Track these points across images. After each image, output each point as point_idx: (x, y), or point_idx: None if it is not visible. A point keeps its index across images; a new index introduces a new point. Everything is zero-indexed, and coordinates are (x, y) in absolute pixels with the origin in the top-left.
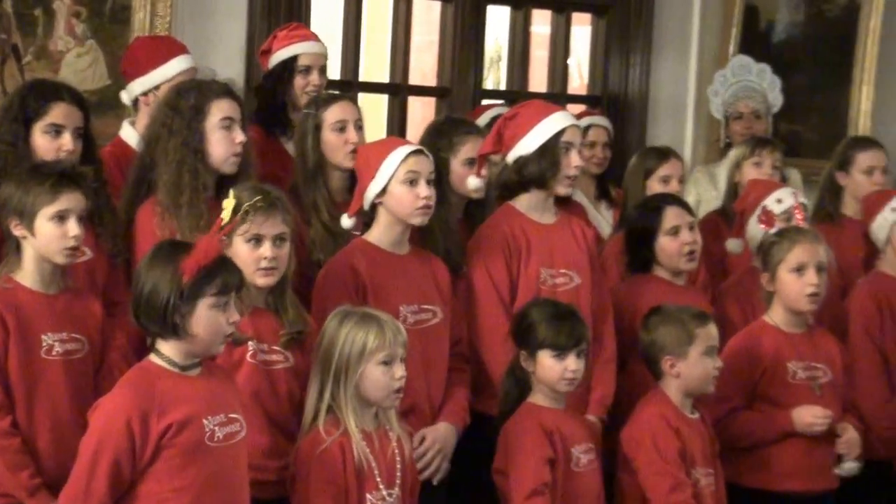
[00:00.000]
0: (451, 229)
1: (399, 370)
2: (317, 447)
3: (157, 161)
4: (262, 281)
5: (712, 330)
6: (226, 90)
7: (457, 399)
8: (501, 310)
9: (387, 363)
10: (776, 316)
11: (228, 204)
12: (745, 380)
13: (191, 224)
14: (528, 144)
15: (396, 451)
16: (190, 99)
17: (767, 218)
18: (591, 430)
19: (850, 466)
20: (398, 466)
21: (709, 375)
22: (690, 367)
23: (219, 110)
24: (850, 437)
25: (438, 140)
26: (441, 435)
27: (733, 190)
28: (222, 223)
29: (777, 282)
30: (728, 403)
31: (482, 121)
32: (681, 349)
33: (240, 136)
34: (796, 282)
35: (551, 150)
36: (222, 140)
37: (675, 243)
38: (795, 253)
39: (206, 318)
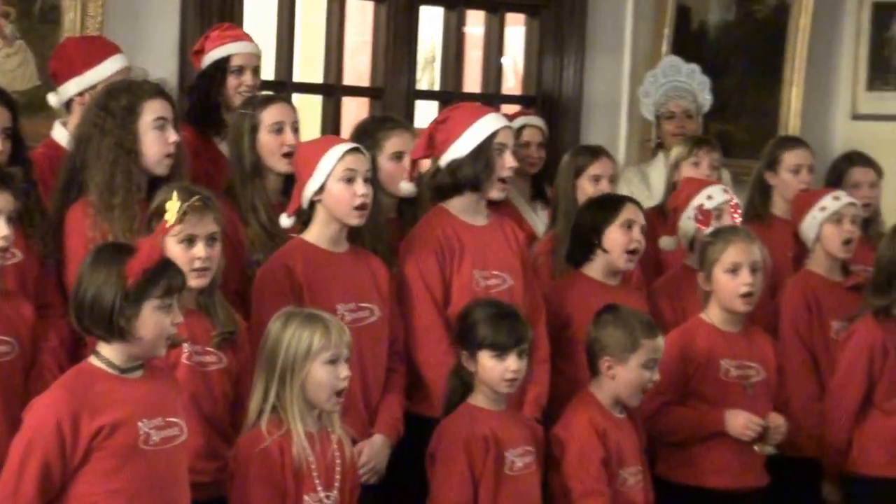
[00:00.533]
0: (379, 229)
1: (344, 370)
2: (257, 445)
3: (89, 162)
4: (195, 282)
5: (659, 343)
6: (158, 90)
7: (392, 407)
8: (435, 311)
9: (332, 362)
10: (712, 314)
11: (172, 206)
12: (679, 376)
13: (124, 225)
14: (461, 147)
15: (337, 453)
16: (122, 99)
17: (704, 217)
18: (532, 432)
19: (765, 448)
20: (338, 469)
21: (641, 387)
22: (626, 373)
23: (151, 110)
24: (777, 424)
25: (364, 139)
26: (376, 451)
27: (672, 189)
28: (167, 224)
29: (712, 282)
30: (661, 398)
31: None
32: (622, 354)
33: (173, 136)
34: (731, 282)
35: (485, 152)
36: (156, 140)
37: (625, 237)
38: (730, 253)
39: (151, 320)
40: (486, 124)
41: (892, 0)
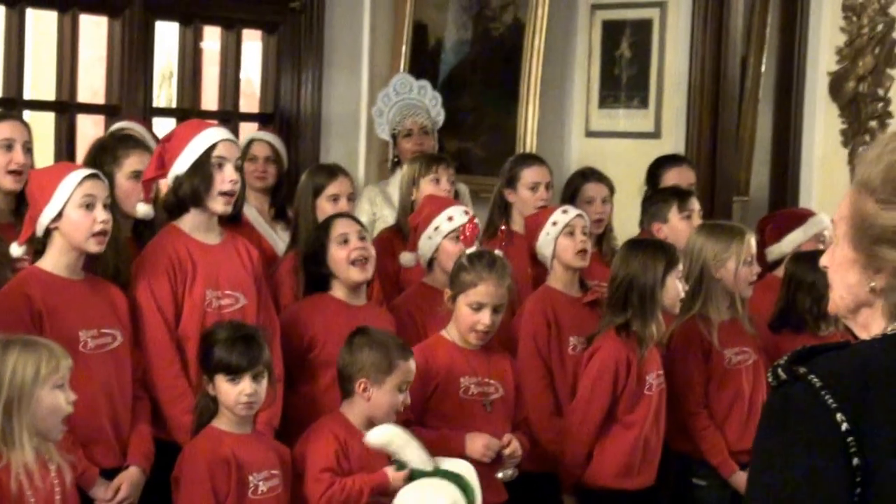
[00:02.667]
0: (120, 247)
1: (71, 394)
2: None
3: None
4: None
5: (411, 365)
6: None
7: (144, 437)
8: (166, 333)
9: (60, 387)
10: (452, 332)
11: None
12: (419, 394)
13: None
14: (182, 164)
15: (56, 480)
16: None
17: (470, 234)
18: (279, 455)
19: (506, 473)
20: (57, 498)
21: (394, 408)
22: (382, 395)
23: None
24: (512, 448)
25: (102, 156)
26: (134, 483)
27: (410, 207)
28: None
29: (456, 306)
30: (400, 416)
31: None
32: (378, 375)
33: None
34: (471, 316)
35: (203, 166)
36: None
37: (344, 251)
38: (479, 291)
39: None
40: (205, 138)
41: (622, 18)
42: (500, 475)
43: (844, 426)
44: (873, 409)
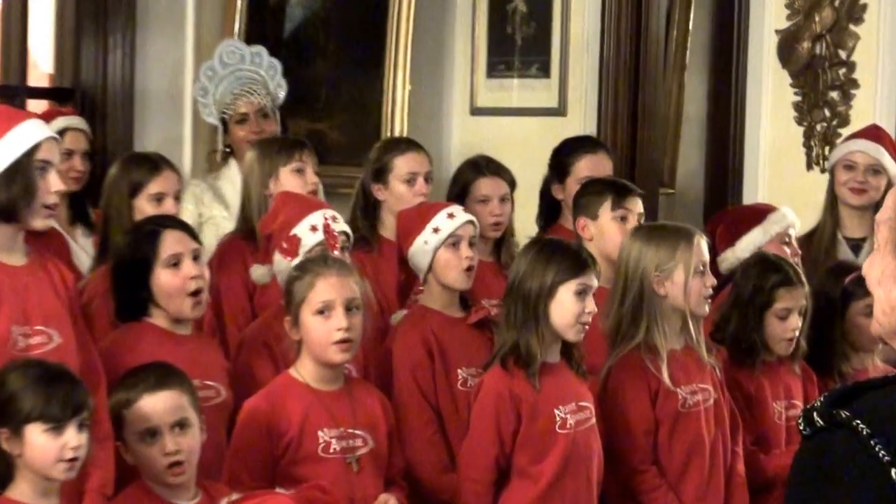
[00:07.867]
0: None
1: None
2: None
3: None
4: None
5: (144, 403)
6: None
7: None
8: None
9: None
10: (304, 370)
11: None
12: (264, 455)
13: None
14: None
15: None
16: None
17: (290, 246)
18: None
19: None
20: None
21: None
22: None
23: None
24: None
25: None
26: None
27: (264, 205)
28: None
29: (301, 327)
30: (241, 487)
31: None
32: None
33: None
34: (321, 325)
35: (23, 171)
36: None
37: (176, 278)
38: (319, 290)
39: None
40: (24, 135)
41: None
42: None
43: None
44: None
